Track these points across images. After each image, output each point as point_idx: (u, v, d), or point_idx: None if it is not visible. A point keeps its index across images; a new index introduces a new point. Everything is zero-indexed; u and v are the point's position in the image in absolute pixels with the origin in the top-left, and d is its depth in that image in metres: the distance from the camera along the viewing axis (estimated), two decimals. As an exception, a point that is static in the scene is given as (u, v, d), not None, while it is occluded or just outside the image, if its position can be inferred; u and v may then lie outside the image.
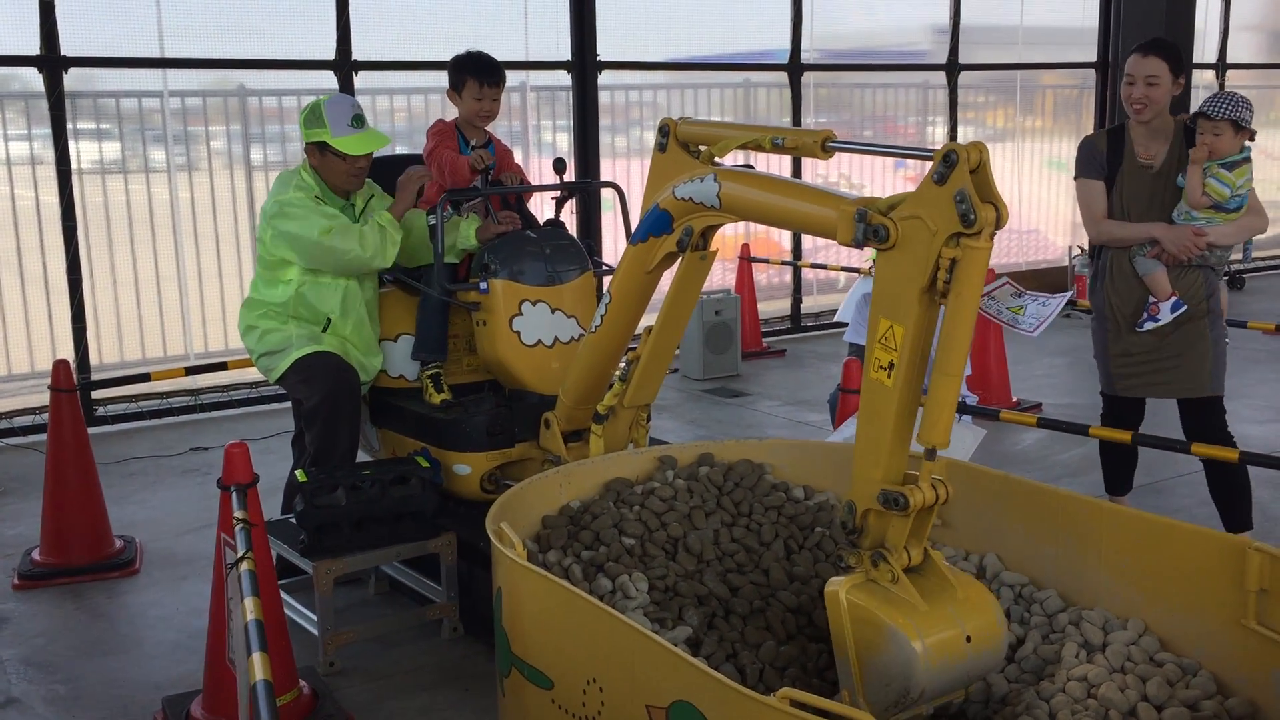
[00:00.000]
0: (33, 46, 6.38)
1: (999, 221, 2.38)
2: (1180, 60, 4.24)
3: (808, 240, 9.42)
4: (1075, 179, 4.44)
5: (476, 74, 4.43)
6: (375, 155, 4.36)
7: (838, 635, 2.58)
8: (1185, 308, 4.19)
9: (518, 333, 4.14)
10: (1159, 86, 4.18)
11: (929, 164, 2.46)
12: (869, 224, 2.53)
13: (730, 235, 9.07)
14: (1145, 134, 4.29)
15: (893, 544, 2.54)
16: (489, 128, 4.61)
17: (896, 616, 2.46)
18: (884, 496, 2.50)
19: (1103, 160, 4.34)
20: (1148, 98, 4.20)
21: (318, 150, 4.20)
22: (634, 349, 3.73)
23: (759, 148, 3.09)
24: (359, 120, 4.22)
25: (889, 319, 2.52)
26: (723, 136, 3.21)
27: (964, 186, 2.36)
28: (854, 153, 3.00)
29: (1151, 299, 4.24)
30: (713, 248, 3.40)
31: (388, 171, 4.56)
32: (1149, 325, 4.24)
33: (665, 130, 3.36)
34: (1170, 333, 4.23)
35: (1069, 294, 5.64)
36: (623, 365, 3.76)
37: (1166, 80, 4.19)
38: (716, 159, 3.26)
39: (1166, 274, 4.20)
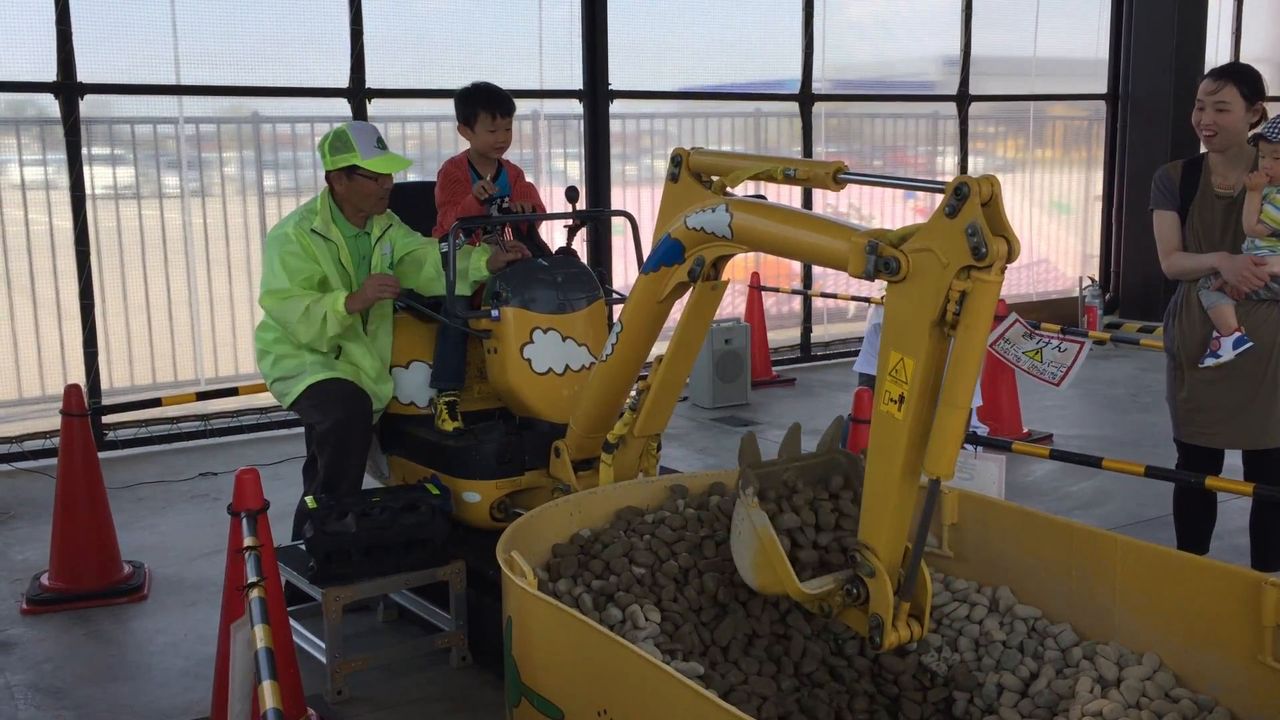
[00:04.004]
0: (49, 73, 6.43)
1: (1010, 255, 2.38)
2: (1257, 86, 4.06)
3: (818, 269, 9.42)
4: (1150, 210, 4.26)
5: (489, 106, 4.44)
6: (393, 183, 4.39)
7: (766, 553, 2.79)
8: (1250, 345, 3.94)
9: (529, 360, 4.14)
10: (1229, 113, 4.01)
11: (939, 195, 2.47)
12: (880, 256, 2.53)
13: (740, 263, 9.08)
14: (1223, 162, 4.09)
15: (850, 625, 2.79)
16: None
17: (788, 583, 2.76)
18: (875, 623, 2.64)
19: (1176, 190, 4.17)
20: (1217, 124, 4.02)
21: (345, 176, 4.23)
22: (645, 378, 3.73)
23: (771, 179, 3.10)
24: (382, 143, 4.28)
25: (899, 352, 2.52)
26: (735, 167, 3.21)
27: (976, 219, 2.36)
28: (865, 184, 3.01)
29: (1214, 334, 4.01)
30: (724, 278, 3.40)
31: (402, 199, 4.58)
32: (1209, 362, 4.01)
33: (678, 160, 3.37)
34: (1235, 374, 4.00)
35: (1089, 343, 5.53)
36: (633, 394, 3.76)
37: (1239, 107, 4.01)
38: (728, 189, 3.27)
39: (1232, 308, 3.98)
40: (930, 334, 2.47)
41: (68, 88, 6.47)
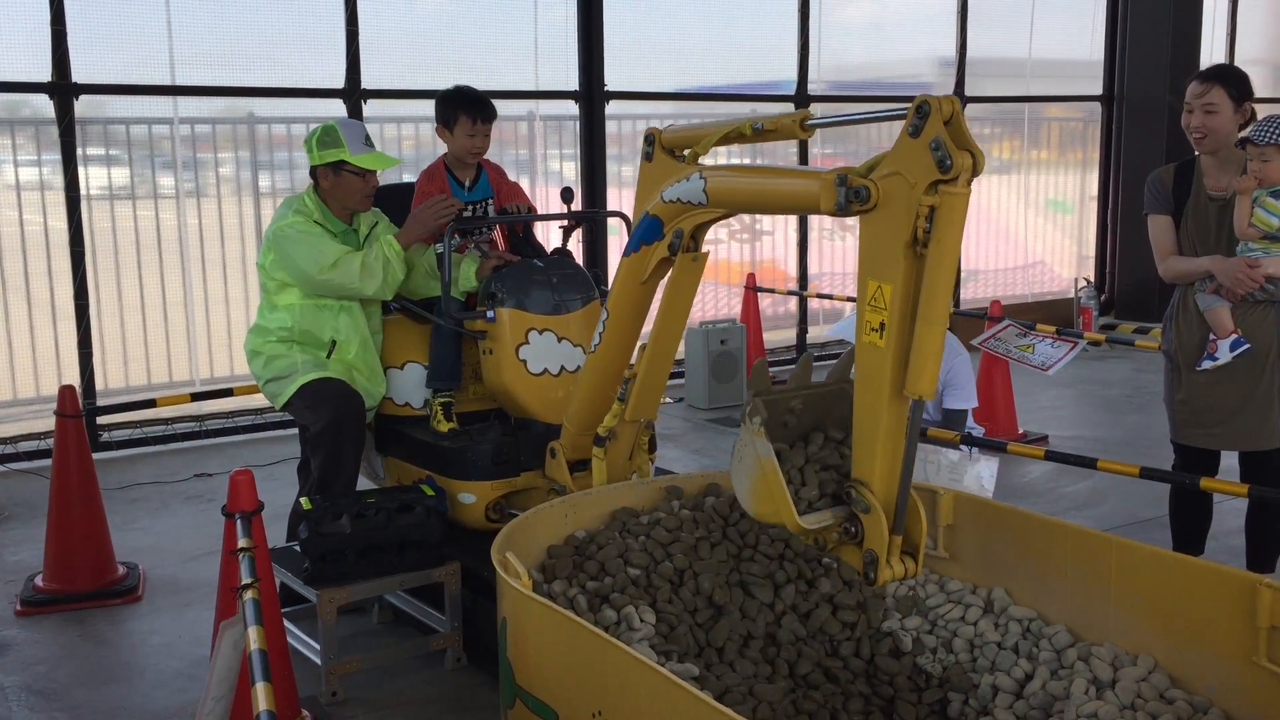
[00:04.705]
0: (44, 73, 6.42)
1: (975, 168, 2.42)
2: (1244, 87, 4.05)
3: (813, 268, 9.44)
4: (1144, 214, 4.27)
5: (470, 110, 4.41)
6: (382, 184, 4.39)
7: (766, 482, 2.76)
8: (1247, 346, 3.95)
9: (524, 361, 4.14)
10: (1218, 115, 4.01)
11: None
12: (850, 187, 2.57)
13: (736, 264, 9.09)
14: (1215, 165, 4.09)
15: (846, 560, 2.77)
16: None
17: (785, 514, 2.74)
18: (870, 558, 2.63)
19: (1169, 194, 4.17)
20: (1206, 126, 4.03)
21: (332, 171, 4.22)
22: (633, 368, 3.72)
23: (740, 136, 3.14)
24: (369, 140, 4.28)
25: (876, 279, 2.56)
26: (704, 135, 3.26)
27: (939, 134, 2.41)
28: (832, 126, 3.07)
29: (1211, 336, 4.01)
30: (704, 249, 3.43)
31: (391, 199, 4.58)
32: (1207, 364, 4.01)
33: (650, 139, 3.41)
34: (1232, 375, 4.00)
35: (1082, 343, 5.56)
36: (622, 387, 3.74)
37: (1227, 109, 4.01)
38: (701, 158, 3.30)
39: (1228, 310, 3.98)
40: (905, 255, 2.50)
41: (63, 88, 6.45)
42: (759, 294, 8.67)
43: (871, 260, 2.57)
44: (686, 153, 3.33)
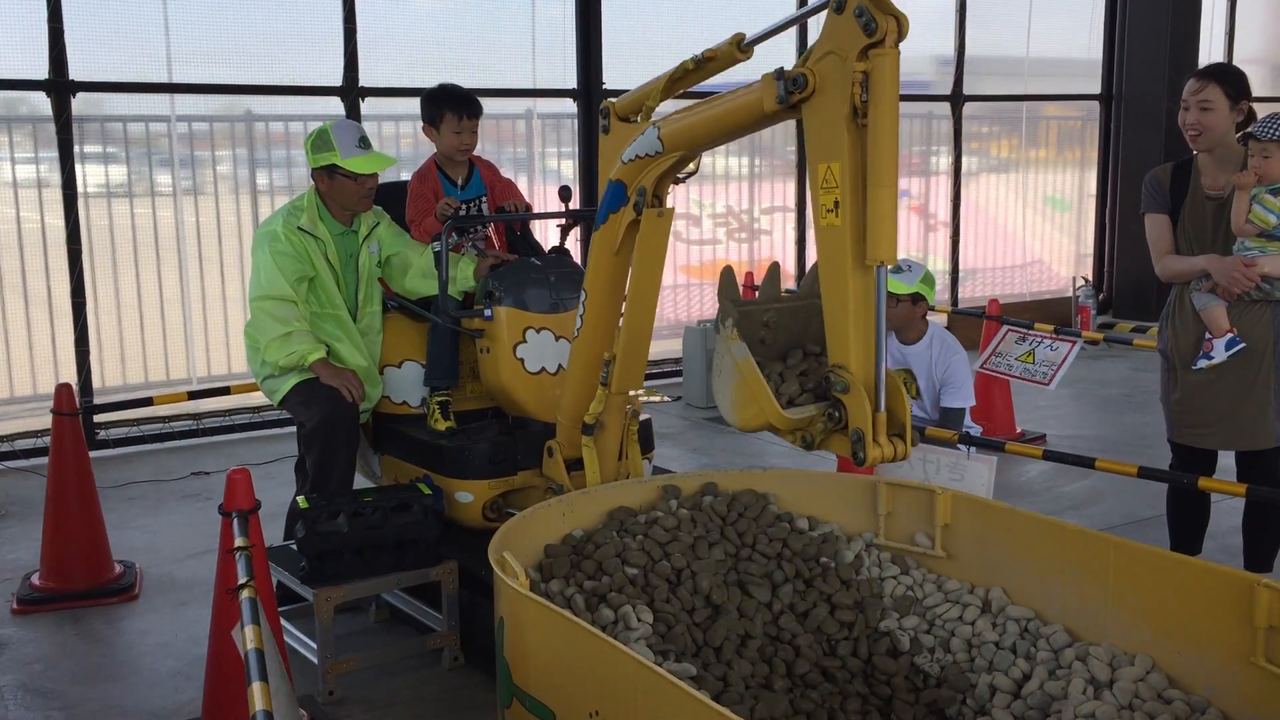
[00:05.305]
0: (41, 71, 6.41)
1: (901, 31, 2.51)
2: (1240, 86, 4.05)
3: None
4: (1141, 214, 4.26)
5: (454, 107, 4.41)
6: (380, 182, 4.39)
7: (747, 385, 2.82)
8: (1242, 345, 3.94)
9: (521, 360, 4.13)
10: (1213, 112, 4.00)
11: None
12: (787, 79, 2.67)
13: (734, 263, 9.06)
14: (1212, 164, 4.09)
15: (834, 451, 2.80)
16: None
17: (769, 410, 2.80)
18: (856, 436, 2.65)
19: (1166, 193, 4.16)
20: (1201, 123, 4.02)
21: (326, 175, 4.22)
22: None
23: (686, 74, 3.29)
24: (365, 142, 4.27)
25: (825, 161, 2.64)
26: (652, 90, 3.36)
27: (861, 3, 2.52)
28: (769, 37, 3.16)
29: (1207, 335, 4.00)
30: (668, 204, 3.44)
31: (389, 199, 4.57)
32: (1202, 363, 4.01)
33: (605, 112, 3.48)
34: (1227, 375, 4.00)
35: (1079, 343, 5.54)
36: (604, 371, 3.72)
37: (1223, 106, 4.00)
38: (654, 112, 3.38)
39: (1224, 309, 3.97)
40: (848, 129, 2.58)
41: (60, 85, 6.44)
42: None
43: (818, 144, 2.66)
44: (639, 117, 3.39)
